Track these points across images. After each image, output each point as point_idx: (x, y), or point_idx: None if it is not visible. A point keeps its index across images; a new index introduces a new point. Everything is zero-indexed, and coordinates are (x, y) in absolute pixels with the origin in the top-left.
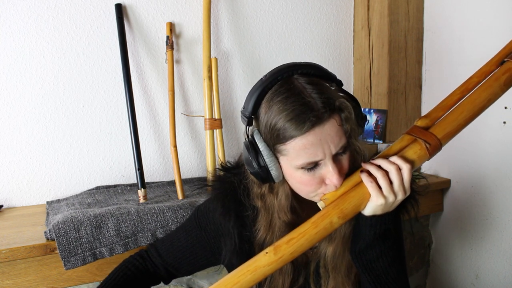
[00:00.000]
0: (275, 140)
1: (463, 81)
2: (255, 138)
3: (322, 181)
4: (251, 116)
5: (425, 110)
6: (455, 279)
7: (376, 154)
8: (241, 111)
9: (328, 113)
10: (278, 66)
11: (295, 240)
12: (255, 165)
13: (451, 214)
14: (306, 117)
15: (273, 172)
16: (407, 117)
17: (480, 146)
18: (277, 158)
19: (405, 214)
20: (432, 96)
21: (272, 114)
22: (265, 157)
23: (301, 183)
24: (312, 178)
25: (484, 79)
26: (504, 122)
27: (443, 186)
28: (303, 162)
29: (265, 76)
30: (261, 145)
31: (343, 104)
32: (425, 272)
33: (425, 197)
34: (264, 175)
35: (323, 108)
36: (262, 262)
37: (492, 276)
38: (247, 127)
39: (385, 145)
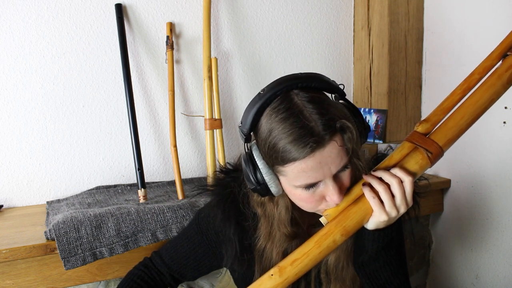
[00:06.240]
0: (274, 161)
1: (465, 78)
2: (254, 154)
3: (322, 198)
4: (249, 132)
5: (425, 110)
6: (455, 279)
7: (376, 154)
8: (239, 126)
9: (328, 135)
10: (277, 79)
11: (299, 261)
12: (253, 181)
13: (451, 214)
14: (306, 141)
15: (273, 189)
16: (407, 117)
17: (480, 146)
18: (276, 175)
19: (405, 215)
20: (432, 96)
21: (271, 135)
22: (264, 175)
23: (301, 200)
24: (312, 195)
25: (486, 75)
26: (504, 122)
27: (443, 186)
28: (302, 183)
29: (263, 90)
30: (260, 163)
31: (344, 125)
32: (425, 272)
33: (425, 197)
34: (264, 192)
35: (323, 130)
36: (268, 285)
37: (492, 276)
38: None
39: (385, 145)
